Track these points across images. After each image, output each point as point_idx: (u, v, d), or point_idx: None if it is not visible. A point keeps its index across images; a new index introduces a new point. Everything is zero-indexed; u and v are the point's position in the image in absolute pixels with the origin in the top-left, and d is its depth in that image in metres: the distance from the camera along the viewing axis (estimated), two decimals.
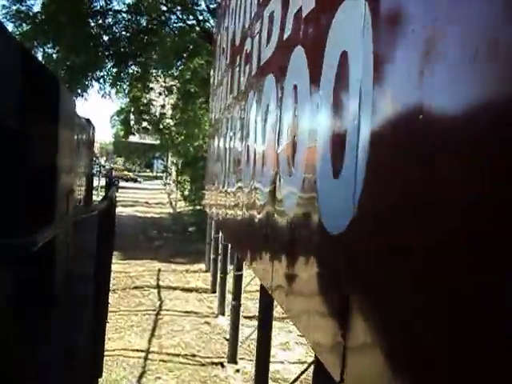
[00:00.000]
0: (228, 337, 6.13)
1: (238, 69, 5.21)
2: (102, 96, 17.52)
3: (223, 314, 7.29)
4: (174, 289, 8.67)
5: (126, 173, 51.48)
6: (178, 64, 14.26)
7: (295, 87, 2.45)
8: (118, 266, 10.31)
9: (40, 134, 3.65)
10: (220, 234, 8.27)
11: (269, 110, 3.22)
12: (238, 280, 5.75)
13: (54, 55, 13.53)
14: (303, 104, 2.29)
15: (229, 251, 7.38)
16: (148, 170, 68.06)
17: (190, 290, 8.63)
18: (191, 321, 7.09)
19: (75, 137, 6.07)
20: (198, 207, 22.48)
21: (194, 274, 9.90)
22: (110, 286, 7.88)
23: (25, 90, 3.42)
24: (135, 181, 47.95)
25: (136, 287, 8.68)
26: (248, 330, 6.40)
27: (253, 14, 4.29)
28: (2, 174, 3.04)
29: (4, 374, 2.39)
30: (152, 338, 6.39)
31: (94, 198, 16.54)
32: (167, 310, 7.51)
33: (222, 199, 5.88)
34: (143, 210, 22.23)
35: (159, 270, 10.14)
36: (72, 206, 5.50)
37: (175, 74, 15.34)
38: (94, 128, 11.58)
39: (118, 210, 14.87)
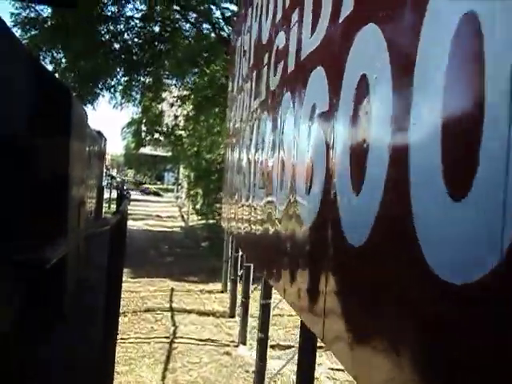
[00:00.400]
0: (253, 369, 5.40)
1: (265, 68, 4.55)
2: (114, 106, 17.03)
3: (244, 343, 6.54)
4: (189, 312, 7.94)
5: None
6: (193, 71, 13.65)
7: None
8: (128, 284, 9.64)
9: (51, 145, 3.60)
10: (240, 252, 7.57)
11: (315, 111, 2.55)
12: (265, 309, 5.02)
13: (63, 61, 13.00)
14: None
15: (251, 272, 6.68)
16: (159, 183, 67.64)
17: (206, 314, 7.90)
18: (209, 351, 6.35)
19: (86, 148, 6.00)
20: (211, 221, 21.87)
21: (210, 296, 9.17)
22: (120, 308, 7.31)
23: (36, 102, 3.40)
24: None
25: (148, 310, 7.96)
26: (274, 363, 5.67)
27: (287, 4, 3.64)
28: (13, 185, 2.95)
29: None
30: (166, 372, 5.66)
31: (106, 209, 16.08)
32: (182, 338, 6.78)
33: (246, 214, 5.19)
34: (154, 224, 21.58)
35: (172, 290, 9.43)
36: (83, 219, 5.35)
37: (189, 82, 14.74)
38: (105, 140, 11.53)
39: (129, 223, 14.25)
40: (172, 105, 17.99)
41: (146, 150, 51.26)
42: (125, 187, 37.17)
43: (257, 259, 4.88)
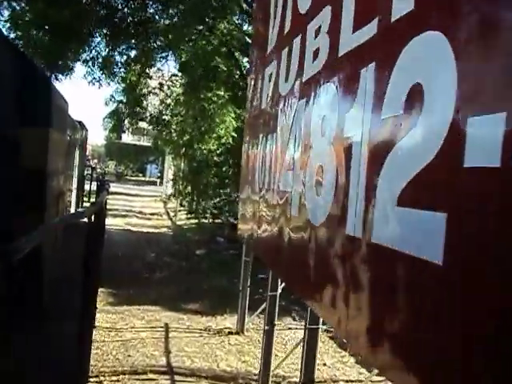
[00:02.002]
0: None
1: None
2: (90, 82, 14.16)
3: None
4: (198, 376, 5.28)
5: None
6: (192, 38, 10.87)
7: None
8: (104, 316, 6.98)
9: (29, 135, 3.67)
10: (279, 288, 4.98)
11: None
12: None
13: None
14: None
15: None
16: (140, 175, 64.56)
17: (223, 381, 5.24)
18: None
19: (67, 139, 5.89)
20: (204, 221, 19.18)
21: (222, 339, 6.51)
22: (92, 364, 5.19)
23: (15, 92, 3.55)
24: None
25: (134, 371, 5.28)
26: None
27: None
28: None
29: None
30: None
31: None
32: None
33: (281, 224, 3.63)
34: (137, 223, 18.79)
35: (167, 329, 6.76)
36: (62, 209, 5.62)
37: (185, 52, 11.91)
38: (86, 130, 11.53)
39: (108, 221, 11.61)
40: (161, 85, 15.20)
41: (129, 139, 48.22)
42: (105, 179, 34.33)
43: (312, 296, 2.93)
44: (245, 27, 12.78)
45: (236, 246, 14.44)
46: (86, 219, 3.32)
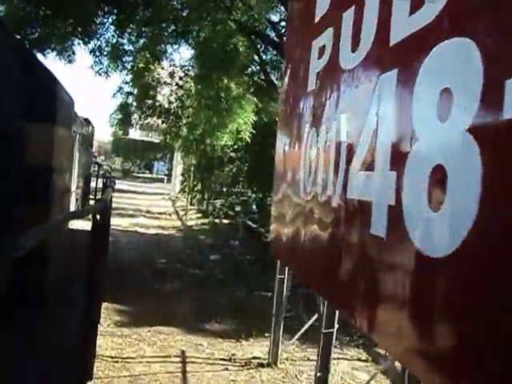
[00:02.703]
0: None
1: None
2: (97, 73, 13.04)
3: None
4: None
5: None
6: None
7: None
8: (109, 341, 5.88)
9: (36, 132, 3.67)
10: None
11: None
12: None
13: None
14: None
15: None
16: (147, 172, 63.42)
17: None
18: None
19: (73, 136, 6.13)
20: (216, 221, 18.03)
21: (251, 373, 5.35)
22: None
23: (22, 88, 3.60)
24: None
25: None
26: None
27: None
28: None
29: None
30: None
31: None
32: None
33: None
34: (145, 224, 17.68)
35: (184, 359, 5.63)
36: (67, 206, 5.48)
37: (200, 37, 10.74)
38: (92, 127, 11.34)
39: (113, 221, 10.51)
40: (172, 75, 14.05)
41: (136, 134, 47.01)
42: (112, 175, 33.08)
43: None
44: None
45: (251, 251, 13.30)
46: (90, 217, 3.17)
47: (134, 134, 46.64)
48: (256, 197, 12.93)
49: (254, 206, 13.31)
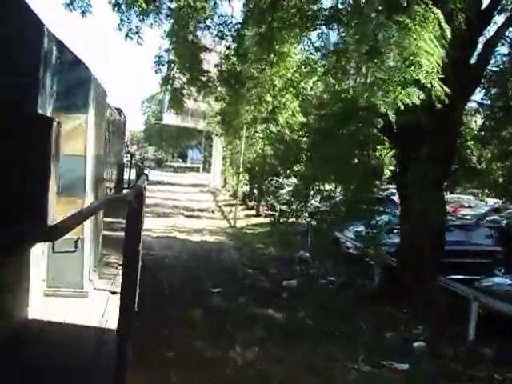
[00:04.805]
0: None
1: None
2: (127, 36, 9.77)
3: None
4: None
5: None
6: None
7: None
8: None
9: (71, 122, 4.10)
10: None
11: None
12: None
13: None
14: None
15: None
16: (181, 161, 60.52)
17: None
18: None
19: (106, 126, 5.97)
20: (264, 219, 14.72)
21: None
22: None
23: (57, 80, 4.04)
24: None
25: None
26: None
27: None
28: (38, 160, 3.40)
29: None
30: None
31: None
32: None
33: None
34: (185, 227, 14.50)
35: None
36: (102, 195, 5.62)
37: None
38: (125, 117, 11.97)
39: (147, 223, 7.41)
40: (222, 36, 10.64)
41: (171, 119, 43.64)
42: (145, 164, 30.28)
43: None
44: None
45: (330, 266, 9.99)
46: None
47: (169, 118, 43.49)
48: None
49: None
